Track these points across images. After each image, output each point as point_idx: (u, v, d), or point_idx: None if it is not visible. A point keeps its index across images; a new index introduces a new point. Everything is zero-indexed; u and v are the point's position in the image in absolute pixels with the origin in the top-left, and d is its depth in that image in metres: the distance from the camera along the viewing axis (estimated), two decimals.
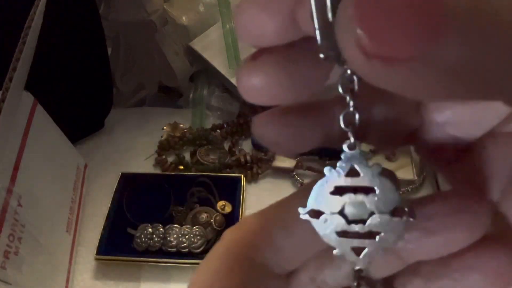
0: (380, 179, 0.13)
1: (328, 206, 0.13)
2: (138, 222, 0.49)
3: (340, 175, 0.13)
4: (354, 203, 0.13)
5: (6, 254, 0.36)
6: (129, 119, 0.63)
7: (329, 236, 0.13)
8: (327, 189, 0.13)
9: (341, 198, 0.13)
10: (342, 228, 0.13)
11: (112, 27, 0.57)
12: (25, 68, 0.37)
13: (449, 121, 0.13)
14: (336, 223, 0.13)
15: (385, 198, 0.13)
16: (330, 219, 0.13)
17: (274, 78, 0.12)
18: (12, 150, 0.39)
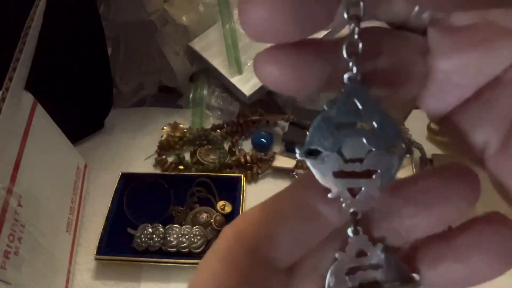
0: (379, 114, 0.13)
1: (326, 144, 0.13)
2: (138, 222, 0.49)
3: (339, 111, 0.13)
4: (352, 141, 0.13)
5: (6, 254, 0.36)
6: (129, 119, 0.63)
7: (325, 177, 0.13)
8: (326, 127, 0.13)
9: (339, 136, 0.13)
10: (339, 168, 0.13)
11: (112, 27, 0.57)
12: (25, 68, 0.37)
13: (455, 68, 0.12)
14: (333, 162, 0.13)
15: (384, 134, 0.13)
16: (327, 158, 0.13)
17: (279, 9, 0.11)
18: (12, 150, 0.39)
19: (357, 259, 0.14)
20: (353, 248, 0.14)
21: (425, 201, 0.14)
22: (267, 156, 0.56)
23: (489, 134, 0.12)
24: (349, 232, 0.14)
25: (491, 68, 0.12)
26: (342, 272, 0.14)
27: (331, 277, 0.14)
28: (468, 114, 0.12)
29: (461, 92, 0.12)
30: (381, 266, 0.14)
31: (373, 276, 0.15)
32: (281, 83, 0.12)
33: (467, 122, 0.12)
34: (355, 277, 0.14)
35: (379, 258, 0.14)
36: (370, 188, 0.13)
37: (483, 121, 0.12)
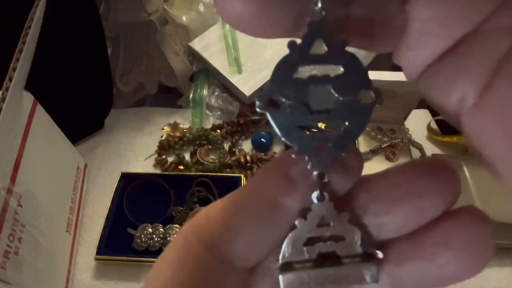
0: (346, 57, 0.11)
1: (289, 93, 0.11)
2: (138, 222, 0.49)
3: (303, 54, 0.11)
4: (317, 89, 0.11)
5: (6, 254, 0.36)
6: (129, 119, 0.63)
7: (287, 131, 0.12)
8: (288, 73, 0.11)
9: (303, 83, 0.11)
10: (304, 121, 0.12)
11: (112, 27, 0.57)
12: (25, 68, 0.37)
13: (434, 17, 0.11)
14: (297, 114, 0.12)
15: (352, 80, 0.11)
16: (290, 109, 0.11)
17: None
18: (12, 150, 0.39)
19: (318, 228, 0.13)
20: (316, 216, 0.13)
21: (396, 197, 0.13)
22: (267, 156, 0.56)
23: (465, 89, 0.11)
24: (314, 197, 0.13)
25: (470, 17, 0.11)
26: (300, 242, 0.13)
27: (287, 246, 0.13)
28: (445, 69, 0.12)
29: (440, 44, 0.12)
30: (343, 238, 0.13)
31: (333, 249, 0.13)
32: (244, 22, 0.11)
33: (443, 78, 0.12)
34: (313, 248, 0.13)
35: (342, 229, 0.13)
36: (338, 144, 0.12)
37: (460, 76, 0.11)
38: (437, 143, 0.59)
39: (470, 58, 0.11)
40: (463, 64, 0.11)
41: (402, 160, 0.56)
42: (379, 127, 0.58)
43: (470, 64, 0.11)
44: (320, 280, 0.13)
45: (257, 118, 0.60)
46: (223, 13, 0.11)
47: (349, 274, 0.13)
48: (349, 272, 0.13)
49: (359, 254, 0.13)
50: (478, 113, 0.11)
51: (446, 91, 0.12)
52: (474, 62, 0.11)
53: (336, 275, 0.13)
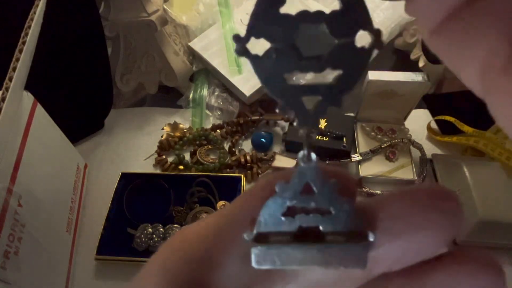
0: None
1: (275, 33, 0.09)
2: (138, 222, 0.49)
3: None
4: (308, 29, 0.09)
5: (6, 254, 0.36)
6: (129, 119, 0.63)
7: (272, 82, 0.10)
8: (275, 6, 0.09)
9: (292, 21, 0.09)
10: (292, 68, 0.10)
11: (112, 27, 0.57)
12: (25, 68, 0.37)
13: None
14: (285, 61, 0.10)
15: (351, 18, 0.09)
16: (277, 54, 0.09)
17: None
18: (12, 150, 0.39)
19: (301, 196, 0.11)
20: (299, 181, 0.11)
21: (397, 229, 0.11)
22: (267, 156, 0.56)
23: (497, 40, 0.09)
24: (299, 156, 0.11)
25: None
26: (279, 211, 0.11)
27: (264, 215, 0.11)
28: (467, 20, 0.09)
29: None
30: (330, 212, 0.11)
31: (317, 223, 0.11)
32: None
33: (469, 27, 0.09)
34: (294, 220, 0.11)
35: (329, 200, 0.11)
36: (329, 96, 0.10)
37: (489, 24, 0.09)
38: (437, 143, 0.59)
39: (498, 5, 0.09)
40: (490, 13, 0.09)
41: (402, 160, 0.56)
42: (379, 127, 0.58)
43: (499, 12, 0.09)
44: (298, 259, 0.11)
45: (257, 118, 0.60)
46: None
47: (333, 256, 0.11)
48: (333, 253, 0.11)
49: (347, 232, 0.11)
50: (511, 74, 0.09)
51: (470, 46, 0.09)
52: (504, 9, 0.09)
53: (317, 255, 0.11)
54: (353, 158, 0.55)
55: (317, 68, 0.10)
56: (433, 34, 0.10)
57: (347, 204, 0.11)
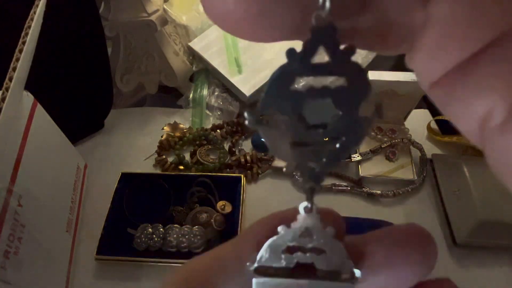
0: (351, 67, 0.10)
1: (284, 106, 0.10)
2: (138, 222, 0.49)
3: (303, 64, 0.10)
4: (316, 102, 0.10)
5: (6, 254, 0.36)
6: (129, 119, 0.63)
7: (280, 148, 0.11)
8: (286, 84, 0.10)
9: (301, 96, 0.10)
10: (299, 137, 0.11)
11: (112, 27, 0.57)
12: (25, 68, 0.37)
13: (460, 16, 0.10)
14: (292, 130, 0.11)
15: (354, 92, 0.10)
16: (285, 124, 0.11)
17: None
18: (12, 150, 0.39)
19: (300, 238, 0.13)
20: (300, 226, 0.13)
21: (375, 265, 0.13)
22: (267, 156, 0.56)
23: (494, 100, 0.09)
24: (301, 208, 0.13)
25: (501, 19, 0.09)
26: (280, 249, 0.13)
27: (266, 251, 0.13)
28: (470, 76, 0.10)
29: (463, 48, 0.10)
30: (324, 252, 0.13)
31: (311, 261, 0.13)
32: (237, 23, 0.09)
33: (467, 86, 0.10)
34: (292, 257, 0.13)
35: (324, 242, 0.13)
36: (331, 159, 0.11)
37: (488, 84, 0.10)
38: (437, 143, 0.59)
39: (501, 66, 0.09)
40: (492, 73, 0.10)
41: (402, 160, 0.56)
42: (379, 127, 0.58)
43: (502, 73, 0.09)
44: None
45: None
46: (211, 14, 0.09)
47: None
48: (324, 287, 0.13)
49: (338, 271, 0.13)
50: (508, 132, 0.09)
51: (469, 104, 0.10)
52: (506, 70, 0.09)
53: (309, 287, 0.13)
54: (353, 158, 0.55)
55: (321, 135, 0.11)
56: (432, 86, 0.11)
57: (340, 247, 0.13)
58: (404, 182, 0.54)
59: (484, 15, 0.09)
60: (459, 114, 0.10)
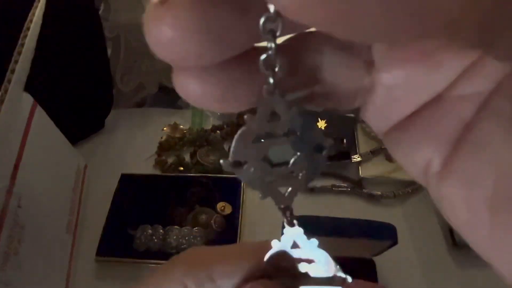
0: (300, 119, 0.12)
1: (250, 154, 0.13)
2: (138, 223, 0.49)
3: (260, 123, 0.12)
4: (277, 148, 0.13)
5: (6, 255, 0.36)
6: (129, 120, 0.63)
7: (254, 183, 0.13)
8: (248, 139, 0.13)
9: (263, 145, 0.13)
10: (266, 173, 0.13)
11: (112, 28, 0.57)
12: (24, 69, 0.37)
13: (398, 83, 0.12)
14: (260, 171, 0.13)
15: (308, 137, 0.13)
16: (253, 167, 0.13)
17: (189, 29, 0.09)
18: (12, 151, 0.39)
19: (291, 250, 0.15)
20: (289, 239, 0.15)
21: None
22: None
23: (431, 153, 0.11)
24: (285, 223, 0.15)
25: (434, 84, 0.11)
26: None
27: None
28: (410, 131, 0.12)
29: (404, 108, 0.12)
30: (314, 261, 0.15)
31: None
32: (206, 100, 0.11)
33: (409, 139, 0.12)
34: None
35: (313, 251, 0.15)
36: (297, 186, 0.14)
37: (425, 139, 0.12)
38: None
39: (435, 124, 0.11)
40: (428, 129, 0.12)
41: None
42: None
43: (435, 129, 0.11)
44: None
45: None
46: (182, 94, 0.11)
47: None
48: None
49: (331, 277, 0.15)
50: (443, 181, 0.11)
51: (411, 154, 0.12)
52: (439, 128, 0.11)
53: None
54: (353, 159, 0.55)
55: (285, 171, 0.13)
56: (383, 136, 0.13)
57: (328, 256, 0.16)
58: (405, 183, 0.54)
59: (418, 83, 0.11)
60: (405, 161, 0.12)
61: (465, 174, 0.11)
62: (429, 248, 0.50)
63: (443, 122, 0.11)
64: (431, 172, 0.11)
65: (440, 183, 0.11)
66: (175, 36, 0.09)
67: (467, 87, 0.11)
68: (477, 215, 0.10)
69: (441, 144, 0.11)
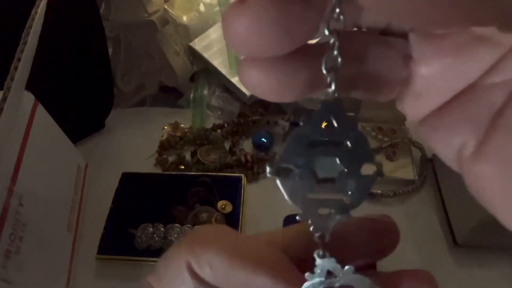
0: (354, 134, 0.12)
1: (299, 162, 0.12)
2: (139, 221, 0.49)
3: (314, 128, 0.12)
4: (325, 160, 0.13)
5: (8, 254, 0.36)
6: (129, 119, 0.63)
7: (295, 197, 0.13)
8: (300, 144, 0.12)
9: (312, 154, 0.12)
10: (311, 188, 0.13)
11: (113, 27, 0.57)
12: (26, 68, 0.38)
13: (435, 73, 0.13)
14: (305, 182, 0.13)
15: (357, 154, 0.13)
16: (299, 176, 0.13)
17: (266, 20, 0.11)
18: (13, 150, 0.39)
19: (327, 280, 0.14)
20: (322, 270, 0.14)
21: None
22: (268, 156, 0.56)
23: (466, 136, 0.12)
24: (316, 255, 0.14)
25: (468, 74, 0.12)
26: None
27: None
28: (446, 117, 0.13)
29: (440, 96, 0.13)
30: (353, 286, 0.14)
31: None
32: (267, 90, 0.12)
33: (445, 125, 0.13)
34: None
35: (350, 278, 0.14)
36: (339, 210, 0.13)
37: (460, 124, 0.13)
38: None
39: (469, 110, 0.12)
40: (463, 115, 0.13)
41: (402, 160, 0.56)
42: (379, 127, 0.58)
43: (469, 115, 0.12)
44: None
45: (257, 118, 0.60)
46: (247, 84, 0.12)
47: None
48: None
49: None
50: (478, 161, 0.12)
51: (447, 138, 0.13)
52: (473, 113, 0.12)
53: None
54: None
55: (330, 189, 0.13)
56: (419, 124, 0.14)
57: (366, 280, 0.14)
58: (405, 182, 0.54)
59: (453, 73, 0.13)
60: (441, 146, 0.13)
61: (499, 155, 0.11)
62: (429, 247, 0.50)
63: (476, 108, 0.12)
64: (466, 154, 0.12)
65: (475, 164, 0.12)
66: (252, 29, 0.11)
67: (498, 76, 0.12)
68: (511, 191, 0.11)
69: (475, 128, 0.12)
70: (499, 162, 0.12)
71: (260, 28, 0.11)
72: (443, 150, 0.13)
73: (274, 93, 0.13)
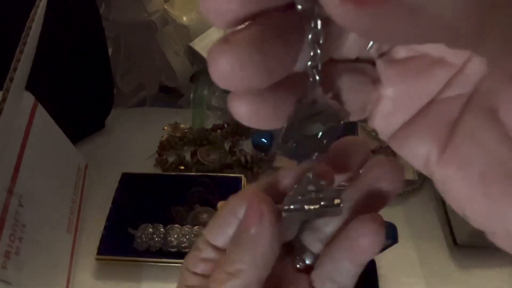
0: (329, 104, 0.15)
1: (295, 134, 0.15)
2: (139, 222, 0.49)
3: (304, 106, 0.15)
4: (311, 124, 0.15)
5: (7, 254, 0.36)
6: (129, 119, 0.63)
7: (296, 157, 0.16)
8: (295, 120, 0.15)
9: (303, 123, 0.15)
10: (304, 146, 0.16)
11: (113, 28, 0.57)
12: (26, 68, 0.38)
13: (401, 93, 0.15)
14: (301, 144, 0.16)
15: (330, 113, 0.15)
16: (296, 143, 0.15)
17: (247, 59, 0.12)
18: (12, 150, 0.39)
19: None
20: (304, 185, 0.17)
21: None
22: (268, 157, 0.56)
23: (430, 145, 0.14)
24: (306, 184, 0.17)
25: (429, 91, 0.14)
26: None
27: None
28: (411, 131, 0.15)
29: (406, 113, 0.15)
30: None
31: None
32: (257, 120, 0.14)
33: (411, 137, 0.15)
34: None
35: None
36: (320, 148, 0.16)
37: (424, 135, 0.14)
38: None
39: (431, 122, 0.14)
40: (425, 127, 0.14)
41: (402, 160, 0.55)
42: None
43: (431, 126, 0.14)
44: None
45: None
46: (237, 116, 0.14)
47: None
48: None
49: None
50: (442, 166, 0.14)
51: (414, 149, 0.15)
52: (434, 125, 0.14)
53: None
54: None
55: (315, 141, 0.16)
56: (389, 139, 0.16)
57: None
58: (405, 182, 0.54)
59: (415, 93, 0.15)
60: (410, 156, 0.15)
61: (459, 159, 0.13)
62: (429, 247, 0.50)
63: (436, 120, 0.14)
64: (432, 161, 0.14)
65: (440, 169, 0.14)
66: (235, 67, 0.12)
67: (452, 91, 0.14)
68: (473, 189, 0.13)
69: (436, 137, 0.14)
70: (460, 166, 0.13)
71: (241, 67, 0.12)
72: (413, 159, 0.15)
73: (264, 122, 0.14)
